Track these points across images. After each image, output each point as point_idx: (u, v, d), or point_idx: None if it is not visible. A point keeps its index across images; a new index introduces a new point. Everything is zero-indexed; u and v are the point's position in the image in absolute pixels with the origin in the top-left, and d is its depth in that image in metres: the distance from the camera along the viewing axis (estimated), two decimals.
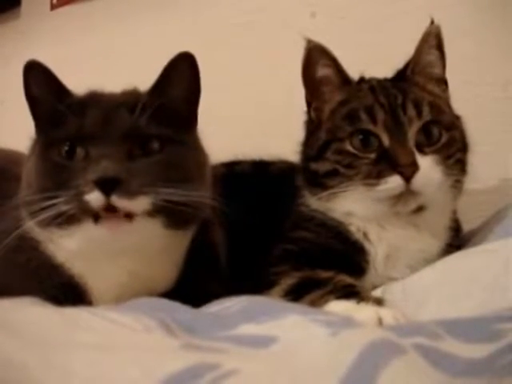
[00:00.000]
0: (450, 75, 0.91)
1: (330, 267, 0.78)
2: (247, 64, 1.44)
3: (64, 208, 0.69)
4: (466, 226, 0.95)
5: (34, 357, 0.42)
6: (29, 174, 0.76)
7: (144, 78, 0.82)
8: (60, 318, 0.52)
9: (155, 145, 0.74)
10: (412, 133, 0.81)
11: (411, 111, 0.82)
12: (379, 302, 0.69)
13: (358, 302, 0.68)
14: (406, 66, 0.90)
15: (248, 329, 0.53)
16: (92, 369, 0.41)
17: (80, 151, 0.73)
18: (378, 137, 0.82)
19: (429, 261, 0.81)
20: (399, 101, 0.83)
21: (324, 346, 0.45)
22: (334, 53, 0.88)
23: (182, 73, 0.79)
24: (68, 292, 0.75)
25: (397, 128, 0.81)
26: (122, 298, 0.72)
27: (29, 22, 2.10)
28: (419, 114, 0.82)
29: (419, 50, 0.89)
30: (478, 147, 0.87)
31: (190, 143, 0.80)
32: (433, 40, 0.88)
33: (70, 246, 0.74)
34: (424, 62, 0.89)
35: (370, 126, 0.82)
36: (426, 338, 0.47)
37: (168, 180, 0.71)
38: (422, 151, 0.80)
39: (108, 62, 1.74)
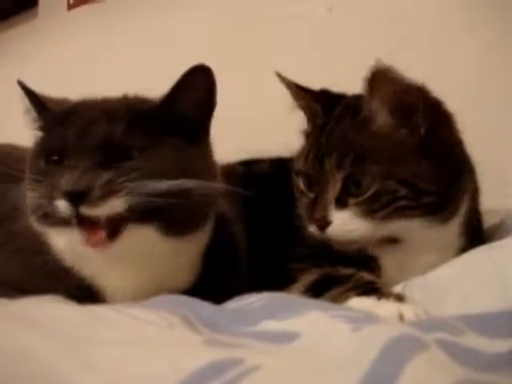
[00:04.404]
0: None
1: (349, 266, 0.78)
2: (261, 59, 1.44)
3: (39, 201, 0.70)
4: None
5: (58, 353, 0.43)
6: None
7: (161, 77, 0.82)
8: (84, 315, 0.53)
9: (135, 154, 0.71)
10: (332, 184, 0.78)
11: (333, 161, 0.78)
12: (400, 298, 0.69)
13: (379, 299, 0.67)
14: None
15: (270, 325, 0.54)
16: (117, 364, 0.42)
17: (56, 160, 0.72)
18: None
19: None
20: (329, 146, 0.79)
21: (347, 342, 0.46)
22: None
23: (195, 85, 0.75)
24: (83, 293, 0.75)
25: (322, 175, 0.79)
26: (137, 297, 0.71)
27: (46, 22, 2.11)
28: (339, 165, 0.77)
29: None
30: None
31: (193, 152, 0.77)
32: None
33: (61, 246, 0.75)
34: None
35: (306, 169, 0.83)
36: (448, 333, 0.47)
37: (147, 178, 0.69)
38: (342, 203, 0.77)
39: (125, 61, 1.75)
